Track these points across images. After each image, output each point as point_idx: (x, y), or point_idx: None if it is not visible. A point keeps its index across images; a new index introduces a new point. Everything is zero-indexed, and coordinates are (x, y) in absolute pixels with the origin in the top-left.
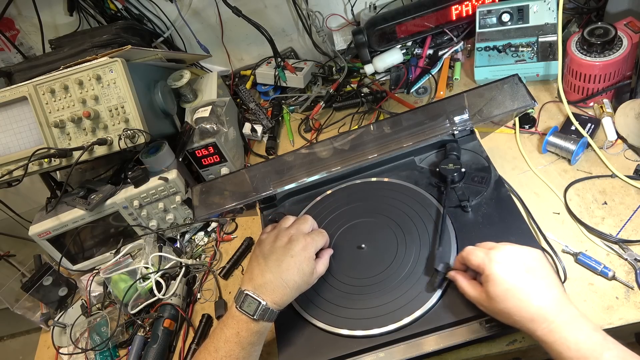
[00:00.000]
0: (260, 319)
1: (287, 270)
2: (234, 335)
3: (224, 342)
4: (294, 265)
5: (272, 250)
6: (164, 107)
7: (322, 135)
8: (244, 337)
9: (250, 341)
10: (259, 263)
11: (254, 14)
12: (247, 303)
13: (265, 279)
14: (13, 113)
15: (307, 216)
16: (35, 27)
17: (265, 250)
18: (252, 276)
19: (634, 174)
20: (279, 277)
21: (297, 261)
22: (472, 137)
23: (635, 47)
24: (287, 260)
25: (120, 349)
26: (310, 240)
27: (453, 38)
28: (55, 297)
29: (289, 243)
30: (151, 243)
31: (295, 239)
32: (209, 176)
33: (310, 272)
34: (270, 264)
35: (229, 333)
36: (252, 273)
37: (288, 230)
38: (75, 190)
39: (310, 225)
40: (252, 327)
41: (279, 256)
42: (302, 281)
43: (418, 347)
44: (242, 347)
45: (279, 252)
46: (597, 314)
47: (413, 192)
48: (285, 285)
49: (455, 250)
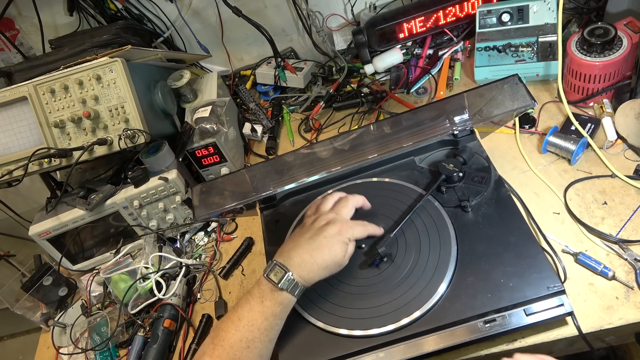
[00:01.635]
0: (284, 289)
1: (318, 249)
2: (258, 303)
3: (247, 311)
4: (326, 245)
5: (308, 229)
6: (164, 107)
7: (322, 135)
8: (267, 307)
9: (274, 312)
10: (293, 240)
11: (254, 14)
12: (274, 272)
13: (295, 252)
14: (13, 113)
15: (348, 198)
16: (35, 27)
17: (303, 230)
18: (284, 249)
19: (634, 174)
20: (309, 254)
21: (330, 242)
22: (472, 137)
23: (635, 47)
24: (320, 240)
25: (120, 349)
26: (347, 227)
27: (453, 38)
28: (55, 297)
29: (326, 225)
30: (151, 243)
31: (332, 223)
32: (209, 176)
33: (342, 255)
34: (302, 241)
35: (253, 302)
36: (284, 247)
37: (328, 214)
38: (75, 190)
39: (352, 208)
40: (276, 296)
41: (312, 235)
42: (332, 262)
43: (418, 347)
44: (265, 317)
45: (313, 231)
46: (597, 314)
47: (413, 192)
48: (313, 262)
49: (455, 250)
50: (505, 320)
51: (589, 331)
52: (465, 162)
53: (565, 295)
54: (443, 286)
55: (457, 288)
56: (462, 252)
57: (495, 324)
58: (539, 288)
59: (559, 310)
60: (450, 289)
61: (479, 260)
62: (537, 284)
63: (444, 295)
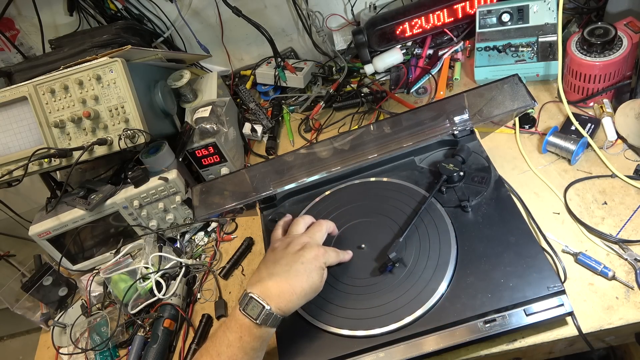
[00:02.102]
0: (263, 324)
1: (296, 277)
2: (237, 339)
3: (226, 347)
4: (304, 272)
5: (283, 255)
6: (164, 107)
7: (322, 135)
8: (246, 342)
9: (253, 346)
10: (267, 267)
11: (254, 14)
12: (251, 306)
13: (272, 282)
14: (13, 113)
15: (320, 222)
16: (35, 27)
17: (276, 255)
18: (259, 279)
19: (634, 174)
20: (287, 282)
21: (308, 268)
22: (472, 137)
23: (635, 47)
24: (297, 266)
25: (120, 349)
26: (323, 252)
27: (453, 38)
28: (55, 297)
29: (302, 250)
30: (151, 243)
31: (308, 247)
32: (209, 176)
33: (319, 281)
34: (278, 269)
35: (231, 337)
36: (259, 276)
37: (301, 237)
38: (75, 190)
39: (324, 233)
40: (254, 331)
41: (288, 261)
42: (310, 289)
43: (418, 347)
44: (245, 352)
45: (289, 257)
46: (597, 314)
47: (413, 192)
48: (292, 292)
49: (455, 250)
50: (505, 320)
51: (589, 331)
52: (464, 161)
53: (565, 295)
54: (443, 286)
55: (457, 288)
56: (462, 252)
57: (495, 324)
58: (539, 288)
59: (559, 310)
60: (450, 289)
61: (479, 260)
62: (537, 284)
63: (444, 295)
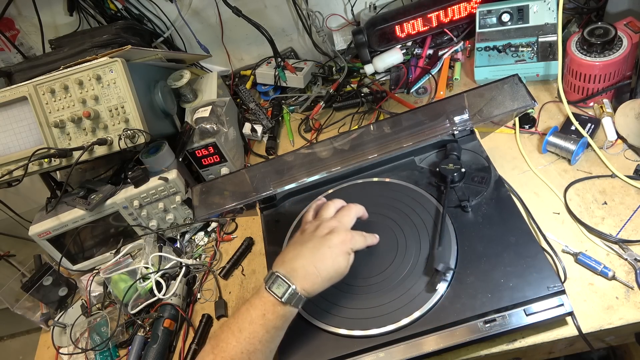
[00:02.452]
0: (287, 303)
1: (322, 260)
2: (260, 316)
3: (248, 323)
4: (330, 256)
5: (310, 237)
6: (164, 107)
7: (322, 135)
8: (269, 320)
9: (275, 325)
10: (294, 248)
11: (254, 14)
12: (277, 285)
13: (299, 264)
14: (13, 113)
15: (350, 206)
16: (35, 27)
17: (304, 237)
18: (285, 259)
19: (634, 174)
20: (312, 265)
21: (334, 253)
22: (472, 137)
23: (635, 47)
24: (324, 250)
25: (120, 349)
26: (351, 237)
27: (453, 38)
28: (55, 297)
29: (329, 234)
30: (151, 243)
31: (336, 232)
32: (209, 176)
33: (345, 266)
34: (305, 251)
35: (254, 314)
36: (285, 256)
37: (330, 221)
38: (75, 190)
39: (354, 217)
40: (278, 310)
41: (315, 244)
42: (336, 274)
43: (418, 347)
44: (267, 330)
45: (316, 240)
46: (597, 314)
47: (413, 192)
48: (317, 274)
49: (455, 250)
50: (505, 320)
51: (589, 331)
52: (459, 157)
53: (565, 295)
54: (443, 286)
55: (457, 288)
56: (462, 252)
57: (495, 324)
58: (539, 288)
59: (559, 310)
60: (450, 289)
61: (479, 260)
62: (537, 284)
63: (444, 295)
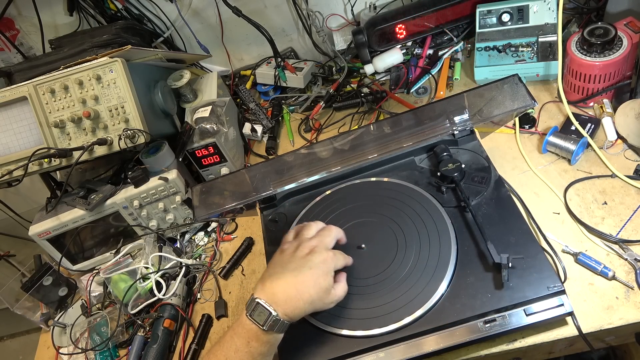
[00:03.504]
0: (270, 330)
1: (303, 282)
2: (245, 344)
3: (234, 352)
4: (311, 277)
5: (291, 259)
6: (164, 107)
7: (322, 135)
8: (254, 347)
9: (261, 352)
10: (275, 271)
11: (254, 14)
12: (258, 312)
13: (279, 287)
14: (13, 113)
15: (331, 227)
16: (35, 27)
17: (284, 258)
18: (266, 283)
19: (634, 174)
20: (294, 287)
21: (315, 274)
22: (472, 137)
23: (635, 47)
24: (305, 271)
25: (120, 349)
26: (332, 255)
27: (453, 38)
28: (55, 297)
29: (310, 254)
30: (151, 243)
31: (317, 251)
32: (209, 176)
33: (327, 288)
34: (286, 273)
35: (239, 342)
36: (266, 280)
37: (310, 241)
38: (75, 190)
39: (334, 238)
40: (262, 337)
41: (297, 265)
42: (318, 296)
43: (418, 347)
44: (253, 358)
45: (297, 262)
46: (597, 314)
47: (413, 192)
48: (299, 297)
49: (455, 251)
50: (505, 320)
51: (589, 331)
52: (451, 155)
53: (565, 295)
54: (443, 286)
55: (457, 288)
56: (462, 252)
57: (495, 324)
58: (539, 288)
59: (559, 310)
60: (450, 289)
61: (479, 260)
62: (537, 284)
63: (444, 295)
